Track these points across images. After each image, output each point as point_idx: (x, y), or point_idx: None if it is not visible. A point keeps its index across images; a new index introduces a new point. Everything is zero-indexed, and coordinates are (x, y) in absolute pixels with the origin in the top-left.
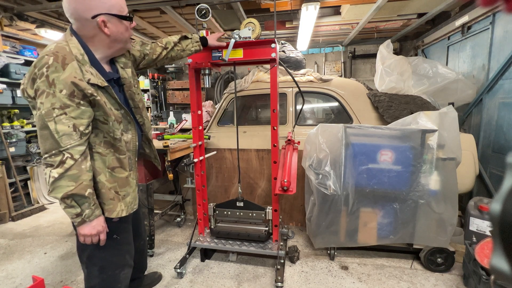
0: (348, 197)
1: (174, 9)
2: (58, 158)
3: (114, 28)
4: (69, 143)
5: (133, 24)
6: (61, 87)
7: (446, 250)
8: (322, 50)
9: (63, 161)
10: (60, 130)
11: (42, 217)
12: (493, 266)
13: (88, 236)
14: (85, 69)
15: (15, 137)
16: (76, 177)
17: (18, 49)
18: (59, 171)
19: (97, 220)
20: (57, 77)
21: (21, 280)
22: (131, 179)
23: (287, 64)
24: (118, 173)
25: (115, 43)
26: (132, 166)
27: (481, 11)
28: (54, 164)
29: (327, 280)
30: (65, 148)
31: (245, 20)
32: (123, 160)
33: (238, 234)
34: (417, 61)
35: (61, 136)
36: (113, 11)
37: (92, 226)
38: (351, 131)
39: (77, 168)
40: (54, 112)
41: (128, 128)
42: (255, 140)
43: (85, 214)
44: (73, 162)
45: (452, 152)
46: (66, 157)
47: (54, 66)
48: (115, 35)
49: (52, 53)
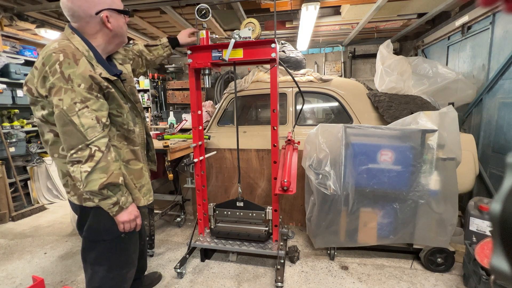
0: (348, 197)
1: (174, 9)
2: (86, 152)
3: (116, 22)
4: (94, 135)
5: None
6: (79, 82)
7: (446, 250)
8: (322, 50)
9: (92, 154)
10: (85, 124)
11: (42, 217)
12: (493, 266)
13: (127, 222)
14: (94, 64)
15: (15, 137)
16: (106, 168)
17: (18, 49)
18: (91, 165)
19: (132, 206)
20: (72, 72)
21: (21, 280)
22: (144, 171)
23: (287, 64)
24: (133, 165)
25: (115, 38)
26: (144, 158)
27: (481, 11)
28: (83, 159)
29: (327, 280)
30: (92, 141)
31: (245, 20)
32: (137, 152)
33: (238, 234)
34: (417, 61)
35: (87, 129)
36: (114, 6)
37: (129, 212)
38: (351, 131)
39: (105, 160)
40: (76, 107)
41: (136, 122)
42: (255, 140)
43: (121, 201)
44: (101, 154)
45: (452, 152)
46: (94, 150)
47: (67, 62)
48: (116, 30)
49: (60, 50)
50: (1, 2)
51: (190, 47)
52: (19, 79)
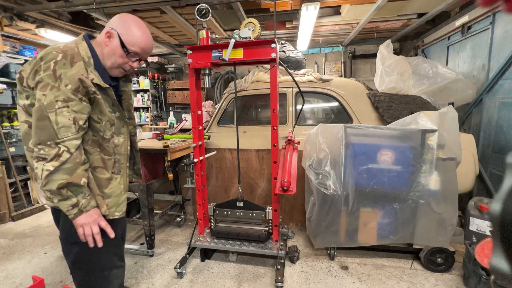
0: (348, 197)
1: (174, 9)
2: (54, 151)
3: (111, 45)
4: (66, 135)
5: (134, 64)
6: (67, 82)
7: (446, 250)
8: (322, 50)
9: (58, 154)
10: (60, 122)
11: (42, 217)
12: (493, 266)
13: (86, 224)
14: (90, 70)
15: (15, 137)
16: (71, 170)
17: (18, 49)
18: (54, 164)
19: (93, 210)
20: (64, 72)
21: (21, 280)
22: (114, 182)
23: (287, 64)
24: (99, 173)
25: (105, 59)
26: (119, 170)
27: (481, 11)
28: (48, 157)
29: (327, 280)
30: (62, 140)
31: (245, 20)
32: (107, 162)
33: (238, 234)
34: (417, 61)
35: (60, 127)
36: (122, 37)
37: (89, 214)
38: (351, 131)
39: (72, 161)
40: (57, 104)
41: (121, 132)
42: (255, 140)
43: (81, 204)
44: (69, 155)
45: (452, 152)
46: (62, 150)
47: (63, 63)
48: (108, 50)
49: (62, 50)
50: (1, 2)
51: (190, 47)
52: None
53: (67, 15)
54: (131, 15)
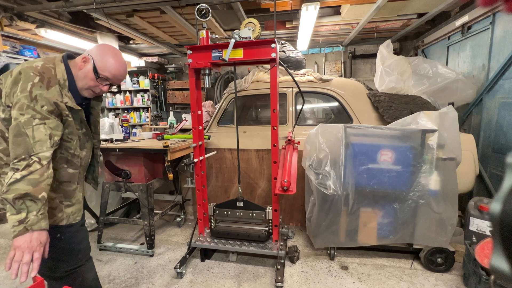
0: (348, 197)
1: (174, 9)
2: (25, 162)
3: (86, 69)
4: (41, 149)
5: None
6: (43, 103)
7: (446, 250)
8: (322, 50)
9: (29, 164)
10: (36, 137)
11: None
12: (493, 266)
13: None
14: (64, 93)
15: None
16: (35, 182)
17: (18, 49)
18: (23, 173)
19: (39, 233)
20: (40, 94)
21: None
22: (78, 192)
23: (287, 64)
24: (66, 187)
25: (78, 80)
26: (80, 180)
27: (481, 11)
28: (20, 167)
29: (327, 280)
30: (36, 153)
31: (245, 20)
32: (74, 175)
33: (238, 234)
34: (417, 61)
35: (36, 142)
36: (96, 63)
37: (32, 237)
38: (351, 131)
39: (40, 173)
40: (34, 121)
41: (85, 146)
42: (255, 140)
43: (28, 220)
44: (40, 166)
45: (452, 152)
46: (33, 161)
47: (39, 85)
48: (81, 73)
49: (39, 72)
50: (1, 2)
51: (190, 47)
52: None
53: (67, 15)
54: (110, 46)
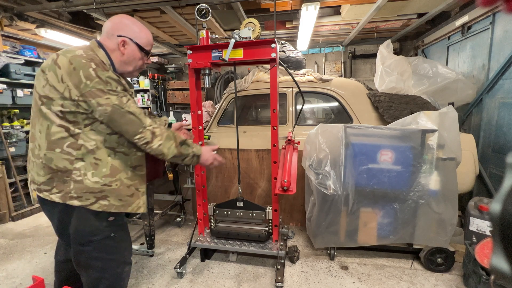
0: (348, 197)
1: (174, 9)
2: (148, 133)
3: (131, 52)
4: (145, 119)
5: (149, 60)
6: (116, 84)
7: (446, 250)
8: (322, 50)
9: (153, 132)
10: (135, 111)
11: (42, 217)
12: (493, 266)
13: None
14: None
15: (15, 137)
16: (168, 136)
17: (18, 49)
18: (159, 140)
19: (203, 149)
20: (108, 76)
21: (21, 280)
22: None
23: (287, 64)
24: (139, 171)
25: (126, 65)
26: None
27: (481, 11)
28: (148, 139)
29: (327, 280)
30: (145, 125)
31: (245, 20)
32: (142, 158)
33: (238, 234)
34: (417, 61)
35: (139, 114)
36: (137, 40)
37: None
38: (351, 131)
39: (161, 132)
40: (124, 99)
41: None
42: (255, 140)
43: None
44: (158, 130)
45: (452, 152)
46: (153, 127)
47: (100, 70)
48: (127, 57)
49: (89, 59)
50: (1, 2)
51: (190, 47)
52: (19, 79)
53: (67, 15)
54: (126, 17)
